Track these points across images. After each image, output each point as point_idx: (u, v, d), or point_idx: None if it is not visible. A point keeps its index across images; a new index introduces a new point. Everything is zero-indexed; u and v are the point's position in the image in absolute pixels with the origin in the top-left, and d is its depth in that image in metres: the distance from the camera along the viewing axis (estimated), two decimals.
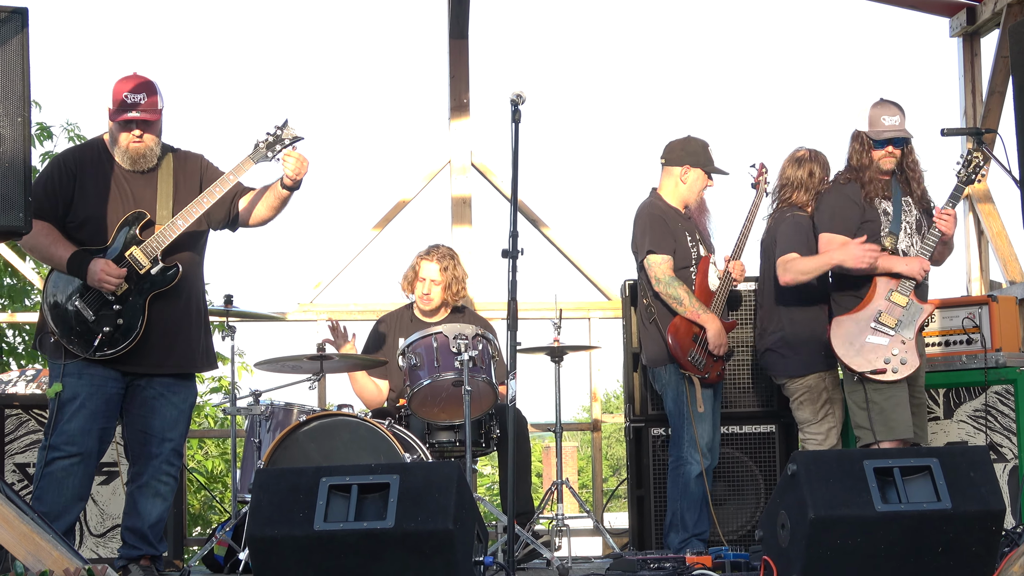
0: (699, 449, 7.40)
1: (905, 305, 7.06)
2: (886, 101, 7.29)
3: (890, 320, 7.05)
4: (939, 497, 5.16)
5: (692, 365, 7.38)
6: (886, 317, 7.05)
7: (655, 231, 7.50)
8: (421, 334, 7.32)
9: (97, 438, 6.32)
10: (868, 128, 7.24)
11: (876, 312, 7.06)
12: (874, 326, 7.05)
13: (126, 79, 6.33)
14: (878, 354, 7.02)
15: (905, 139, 7.28)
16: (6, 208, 5.17)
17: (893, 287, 7.08)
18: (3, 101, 5.15)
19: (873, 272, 7.08)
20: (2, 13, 5.17)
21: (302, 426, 6.94)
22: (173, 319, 6.43)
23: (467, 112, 9.63)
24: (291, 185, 6.50)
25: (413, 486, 5.05)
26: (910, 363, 7.04)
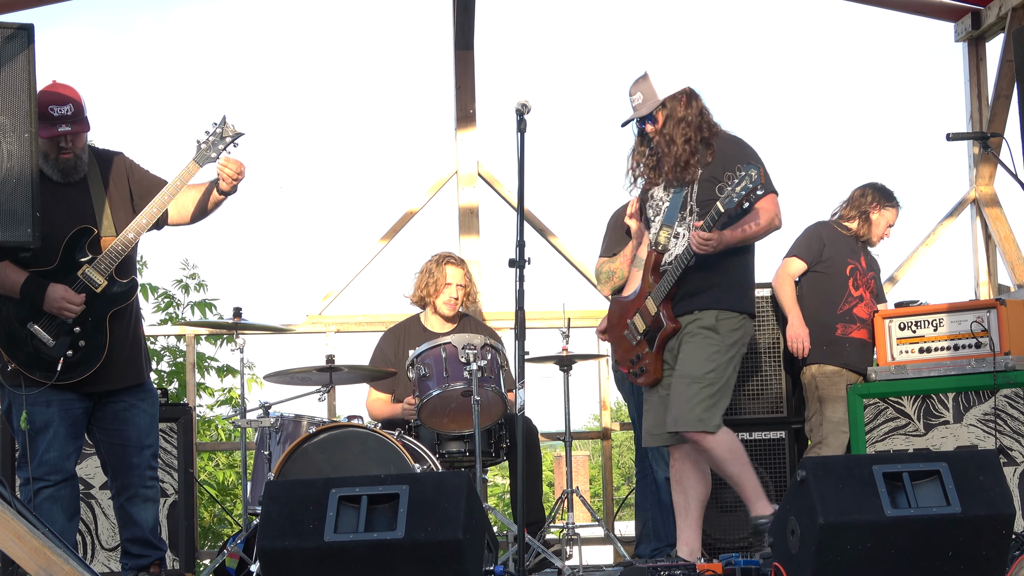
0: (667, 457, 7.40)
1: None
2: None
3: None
4: (949, 501, 5.15)
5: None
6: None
7: (608, 236, 7.78)
8: (430, 344, 7.33)
9: (74, 460, 6.28)
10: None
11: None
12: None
13: (48, 90, 6.09)
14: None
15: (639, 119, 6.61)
16: (14, 224, 5.18)
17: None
18: (10, 117, 5.16)
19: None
20: (8, 30, 5.19)
21: (312, 438, 6.95)
22: (128, 332, 6.34)
23: (473, 123, 9.64)
24: (228, 191, 6.38)
25: (423, 496, 5.04)
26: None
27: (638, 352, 6.56)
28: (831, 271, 8.07)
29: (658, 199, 6.55)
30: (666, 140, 6.41)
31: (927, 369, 7.85)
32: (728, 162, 6.32)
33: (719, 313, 6.44)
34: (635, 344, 6.57)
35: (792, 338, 7.96)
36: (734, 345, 6.50)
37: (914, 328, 7.98)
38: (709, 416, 6.37)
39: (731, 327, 6.48)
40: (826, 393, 7.97)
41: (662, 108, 6.43)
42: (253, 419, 7.36)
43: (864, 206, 8.19)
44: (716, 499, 8.14)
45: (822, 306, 8.04)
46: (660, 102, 6.42)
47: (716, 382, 6.39)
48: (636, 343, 6.57)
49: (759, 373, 8.24)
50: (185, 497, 8.11)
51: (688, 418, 6.34)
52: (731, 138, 6.50)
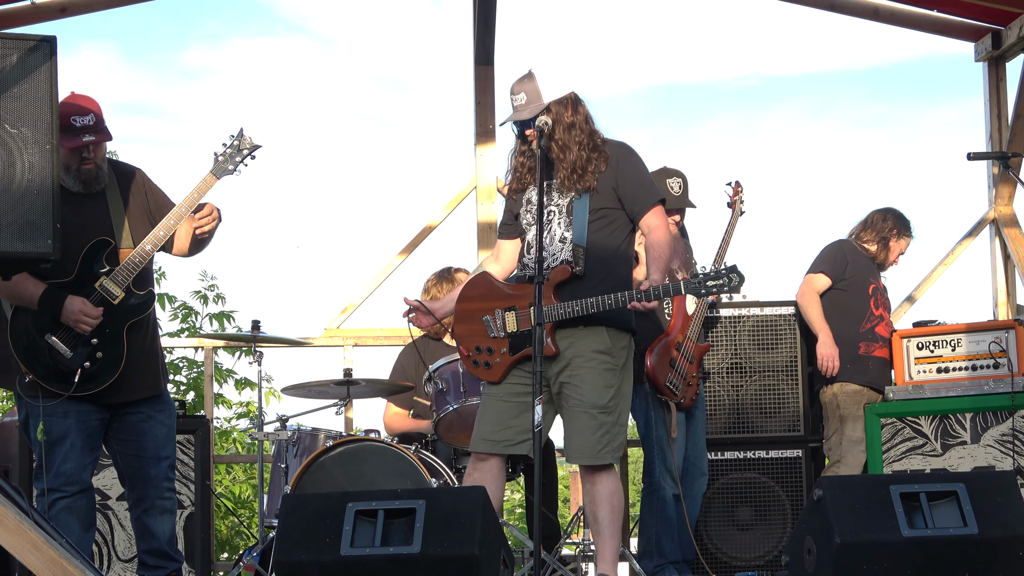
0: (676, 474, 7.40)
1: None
2: (520, 77, 6.33)
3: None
4: (966, 522, 5.14)
5: (669, 391, 7.38)
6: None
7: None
8: (447, 360, 7.33)
9: (90, 471, 6.27)
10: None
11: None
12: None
13: (68, 101, 6.08)
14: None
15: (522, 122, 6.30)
16: (34, 235, 5.17)
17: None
18: (32, 129, 5.17)
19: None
20: (31, 42, 5.20)
21: (328, 451, 6.96)
22: (144, 343, 6.32)
23: (493, 138, 9.64)
24: (204, 238, 6.41)
25: (439, 511, 5.05)
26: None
27: (490, 345, 6.17)
28: (853, 289, 8.08)
29: (535, 204, 6.16)
30: (560, 146, 6.14)
31: (945, 389, 7.84)
32: (622, 170, 6.20)
33: (609, 331, 6.17)
34: (491, 336, 6.18)
35: (823, 356, 7.94)
36: (625, 367, 6.23)
37: (932, 348, 7.98)
38: (609, 450, 6.13)
39: (621, 346, 6.21)
40: (847, 412, 7.96)
41: (547, 112, 6.17)
42: (270, 432, 7.38)
43: (885, 232, 8.21)
44: (732, 517, 8.15)
45: (845, 324, 8.04)
46: (545, 106, 6.16)
47: (615, 410, 6.14)
48: (493, 336, 6.18)
49: (776, 391, 8.24)
50: (202, 509, 8.12)
51: (592, 451, 6.09)
52: (619, 144, 6.32)
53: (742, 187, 7.95)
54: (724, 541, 8.16)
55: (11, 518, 4.94)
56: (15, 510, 5.00)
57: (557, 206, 6.20)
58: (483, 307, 6.22)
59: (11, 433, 7.87)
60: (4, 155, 5.13)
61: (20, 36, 5.25)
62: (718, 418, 8.24)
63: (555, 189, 6.21)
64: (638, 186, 6.25)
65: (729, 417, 8.26)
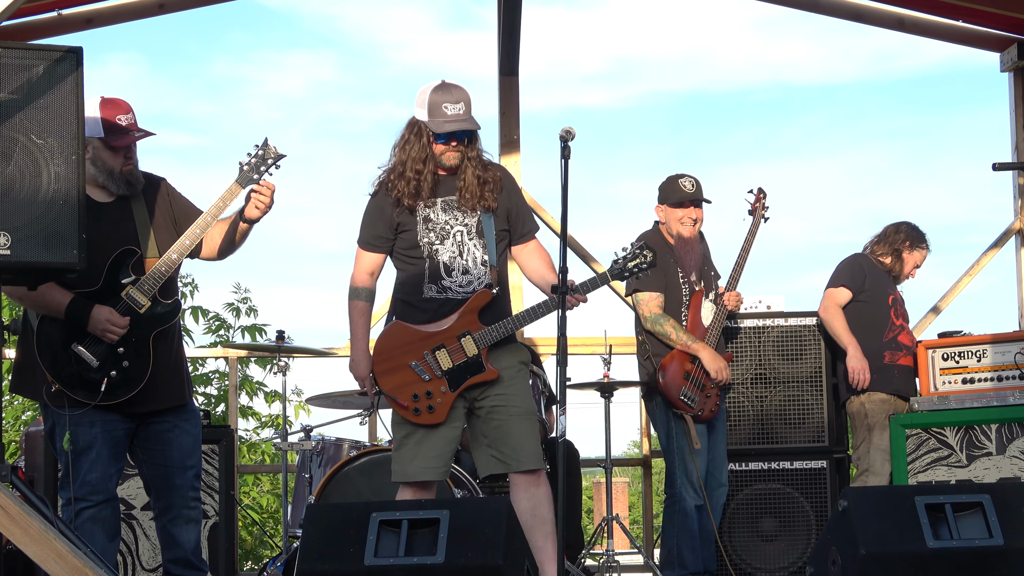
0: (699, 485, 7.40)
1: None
2: (449, 84, 6.18)
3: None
4: (991, 533, 5.13)
5: (684, 404, 7.38)
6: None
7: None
8: None
9: (115, 481, 6.25)
10: (428, 118, 6.14)
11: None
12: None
13: (108, 103, 6.08)
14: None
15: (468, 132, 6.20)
16: (61, 245, 5.20)
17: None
18: (58, 139, 5.19)
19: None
20: (57, 52, 5.23)
21: (352, 461, 6.97)
22: (170, 353, 6.30)
23: (517, 148, 9.66)
24: (254, 219, 6.29)
25: (463, 521, 5.05)
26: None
27: (428, 389, 6.02)
28: (873, 300, 8.07)
29: (441, 222, 6.10)
30: (479, 165, 6.15)
31: (970, 400, 7.82)
32: (514, 195, 6.27)
33: (520, 344, 6.31)
34: (426, 380, 6.03)
35: (854, 369, 7.92)
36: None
37: (957, 359, 7.96)
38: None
39: (529, 358, 6.33)
40: (875, 421, 7.94)
41: (475, 134, 6.17)
42: (295, 442, 7.39)
43: (897, 244, 8.22)
44: (757, 528, 8.13)
45: (867, 335, 8.03)
46: (478, 127, 6.16)
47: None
48: (428, 379, 6.04)
49: (800, 402, 8.23)
50: (226, 519, 8.13)
51: (537, 455, 6.08)
52: (502, 167, 6.35)
53: (765, 194, 7.94)
54: (748, 552, 8.15)
55: (36, 527, 4.97)
56: (40, 519, 5.02)
57: (465, 225, 6.12)
58: (406, 355, 6.08)
59: (37, 443, 7.89)
60: (30, 166, 5.16)
61: (46, 47, 5.28)
62: (742, 429, 8.24)
63: (456, 207, 6.13)
64: (527, 212, 6.35)
65: (753, 428, 8.25)
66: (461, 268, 6.07)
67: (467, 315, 6.03)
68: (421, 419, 6.02)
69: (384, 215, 6.15)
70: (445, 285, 6.08)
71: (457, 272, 6.07)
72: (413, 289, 6.11)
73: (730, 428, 8.02)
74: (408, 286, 6.15)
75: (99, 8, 9.16)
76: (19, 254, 5.16)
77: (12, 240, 5.15)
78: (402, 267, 6.19)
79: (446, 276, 6.08)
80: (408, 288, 6.15)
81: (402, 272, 6.20)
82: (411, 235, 6.10)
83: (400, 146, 6.15)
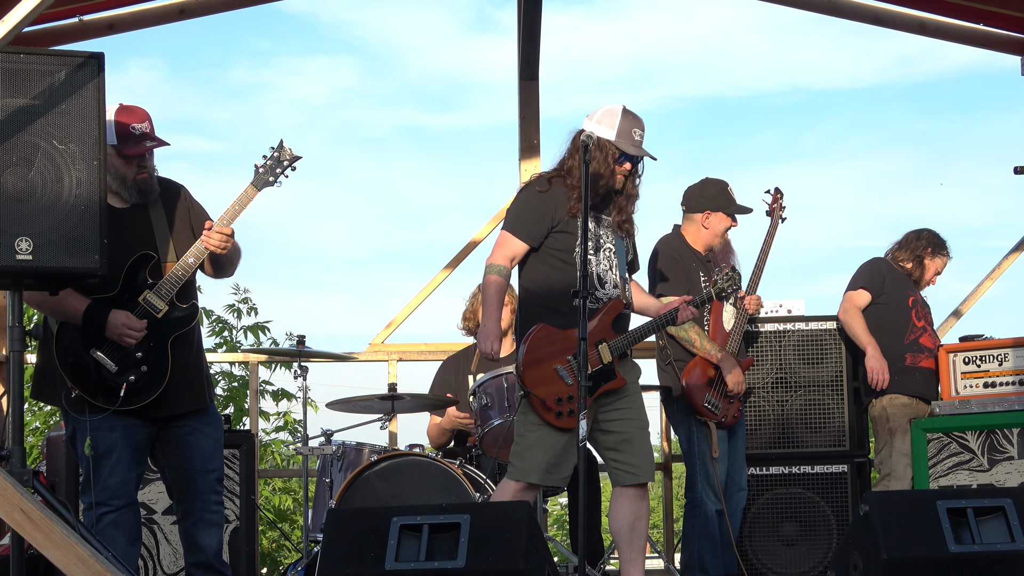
0: (719, 490, 7.40)
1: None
2: (632, 112, 6.37)
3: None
4: (1013, 538, 5.11)
5: (708, 411, 7.40)
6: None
7: (667, 273, 7.54)
8: (492, 374, 7.33)
9: (136, 485, 6.26)
10: (616, 138, 6.29)
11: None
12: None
13: (125, 111, 6.08)
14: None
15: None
16: (82, 250, 5.23)
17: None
18: (80, 145, 5.22)
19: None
20: (79, 58, 5.25)
21: (373, 466, 6.97)
22: (190, 357, 6.31)
23: (537, 153, 9.64)
24: (218, 254, 6.24)
25: (484, 526, 5.05)
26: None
27: (571, 393, 6.12)
28: (894, 302, 8.06)
29: (598, 234, 6.33)
30: (635, 189, 6.42)
31: (991, 404, 7.80)
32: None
33: (636, 364, 6.49)
34: (569, 384, 6.14)
35: (873, 369, 7.90)
36: None
37: (979, 363, 7.94)
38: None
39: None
40: (897, 424, 7.92)
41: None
42: (315, 447, 7.39)
43: (919, 250, 8.22)
44: (777, 533, 8.12)
45: (889, 337, 8.02)
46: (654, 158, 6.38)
47: None
48: (571, 383, 6.14)
49: (821, 406, 8.22)
50: (247, 523, 8.14)
51: (652, 470, 6.39)
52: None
53: (782, 194, 7.94)
54: (769, 556, 8.14)
55: (58, 532, 4.98)
56: (62, 524, 5.04)
57: (614, 243, 6.35)
58: (552, 358, 6.19)
59: (59, 448, 7.90)
60: (52, 171, 5.19)
61: (68, 53, 5.32)
62: (762, 433, 8.23)
63: (607, 225, 6.36)
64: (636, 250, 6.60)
65: (774, 432, 8.24)
66: (612, 282, 6.30)
67: (603, 322, 6.22)
68: (562, 422, 6.15)
69: (546, 213, 6.30)
70: (598, 296, 6.28)
71: (609, 285, 6.27)
72: (564, 295, 6.09)
73: (750, 432, 8.02)
74: (558, 292, 6.23)
75: (120, 14, 9.17)
76: (41, 259, 5.18)
77: (34, 245, 5.17)
78: (550, 269, 6.33)
79: (599, 287, 6.28)
80: (558, 293, 6.23)
81: (550, 275, 6.32)
82: (568, 239, 6.27)
83: (577, 159, 6.26)
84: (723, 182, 7.73)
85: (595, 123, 6.31)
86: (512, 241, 6.34)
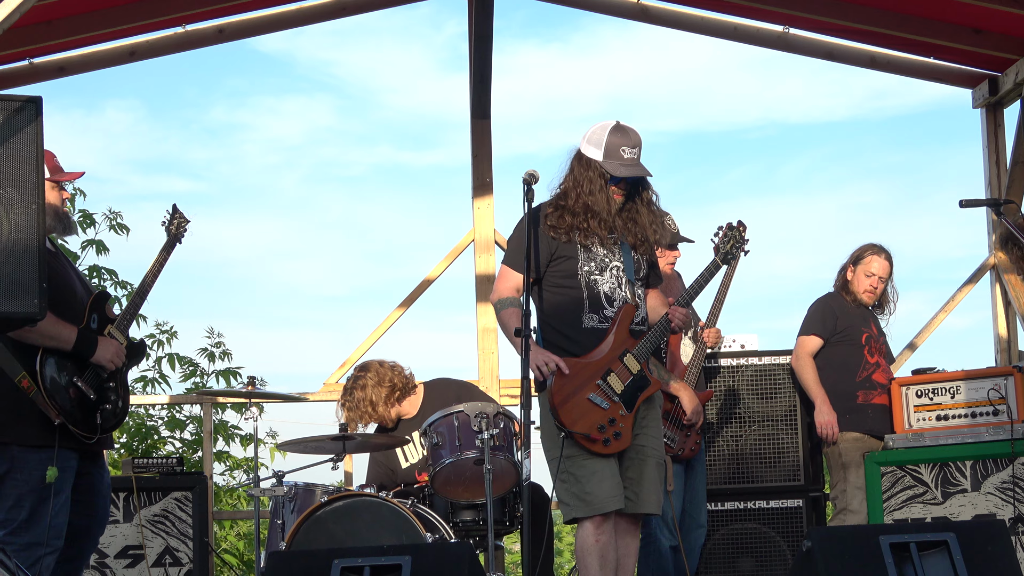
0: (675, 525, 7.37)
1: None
2: (624, 127, 6.29)
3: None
4: (957, 573, 5.10)
5: (664, 444, 7.34)
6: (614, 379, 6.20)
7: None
8: (442, 413, 7.31)
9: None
10: (603, 159, 6.22)
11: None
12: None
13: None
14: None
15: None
16: (21, 295, 5.18)
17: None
18: (18, 189, 5.19)
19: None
20: (16, 102, 5.23)
21: (324, 506, 6.94)
22: None
23: (490, 191, 9.65)
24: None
25: (425, 567, 5.03)
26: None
27: (611, 416, 6.07)
28: (846, 341, 8.08)
29: (601, 254, 6.22)
30: (650, 208, 6.37)
31: (944, 437, 7.81)
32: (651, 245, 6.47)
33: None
34: (606, 408, 6.07)
35: (821, 424, 7.93)
36: None
37: (931, 395, 7.96)
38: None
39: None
40: (850, 459, 7.94)
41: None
42: (267, 488, 7.36)
43: (842, 271, 8.30)
44: (734, 568, 8.13)
45: (841, 376, 8.03)
46: (650, 175, 6.29)
47: None
48: (608, 407, 6.08)
49: (776, 441, 8.22)
50: (200, 566, 8.10)
51: (654, 503, 6.25)
52: (663, 212, 6.78)
53: (745, 227, 7.88)
54: None
55: None
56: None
57: (621, 261, 6.26)
58: (581, 390, 6.08)
59: None
60: None
61: (5, 97, 5.28)
62: (718, 468, 8.23)
63: (613, 243, 6.26)
64: (657, 262, 6.57)
65: (729, 467, 8.24)
66: (621, 299, 6.21)
67: (620, 333, 6.15)
68: (611, 448, 6.09)
69: (543, 242, 6.22)
70: (607, 315, 6.19)
71: (618, 302, 6.19)
72: (572, 319, 6.18)
73: (707, 467, 8.01)
74: (567, 315, 6.21)
75: (70, 56, 9.17)
76: None
77: None
78: (557, 296, 6.24)
79: (608, 306, 6.19)
80: (566, 317, 6.20)
81: (559, 302, 6.24)
82: (570, 263, 6.20)
83: (571, 181, 6.25)
84: (663, 212, 7.69)
85: (586, 142, 6.24)
86: (512, 275, 6.27)
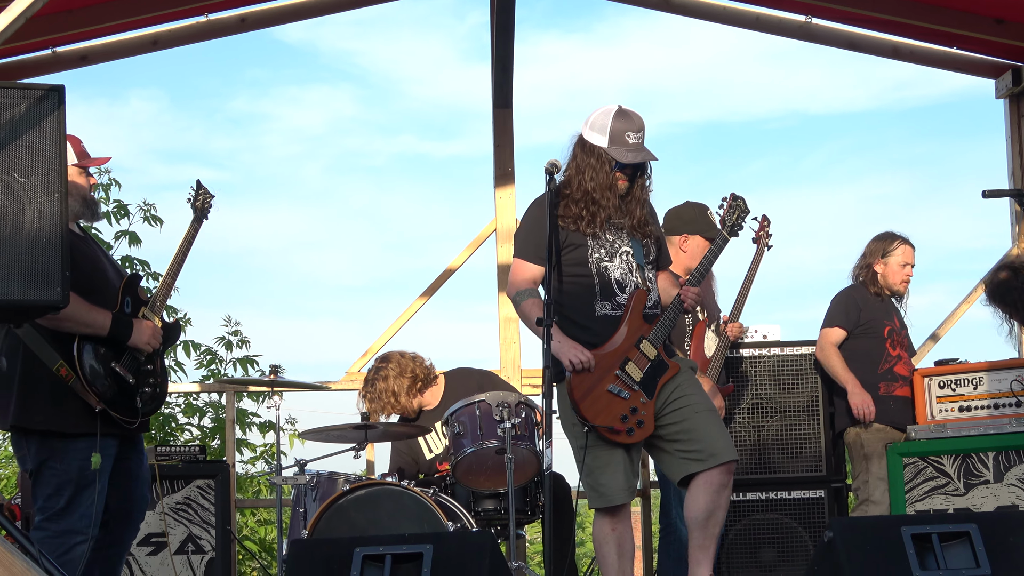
0: None
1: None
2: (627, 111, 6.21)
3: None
4: (978, 563, 5.08)
5: None
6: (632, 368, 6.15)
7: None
8: (464, 402, 7.32)
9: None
10: (609, 145, 6.15)
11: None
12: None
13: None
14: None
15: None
16: (44, 283, 5.20)
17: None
18: (41, 177, 5.21)
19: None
20: (39, 91, 5.25)
21: (346, 495, 6.95)
22: None
23: (512, 180, 9.64)
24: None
25: (447, 555, 5.03)
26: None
27: (632, 405, 6.02)
28: (869, 333, 8.06)
29: (610, 241, 6.16)
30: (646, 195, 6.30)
31: (967, 428, 7.79)
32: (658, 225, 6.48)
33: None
34: (627, 398, 6.04)
35: (857, 405, 7.90)
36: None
37: (954, 386, 7.94)
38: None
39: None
40: (872, 449, 7.93)
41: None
42: (289, 476, 7.38)
43: (870, 259, 8.23)
44: (755, 559, 8.11)
45: (863, 368, 8.02)
46: (656, 159, 6.21)
47: None
48: (629, 396, 6.05)
49: (798, 431, 8.21)
50: (222, 554, 8.13)
51: (732, 446, 6.18)
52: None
53: (769, 221, 7.88)
54: None
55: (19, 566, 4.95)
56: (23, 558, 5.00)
57: (630, 246, 6.20)
58: (600, 382, 6.04)
59: None
60: (13, 204, 5.17)
61: (29, 86, 5.30)
62: (740, 458, 8.18)
63: (621, 229, 6.20)
64: (665, 244, 6.54)
65: (751, 458, 8.22)
66: (633, 284, 6.15)
67: (633, 320, 6.10)
68: (635, 437, 6.06)
69: (554, 231, 6.12)
70: (619, 302, 6.13)
71: (629, 288, 6.14)
72: (585, 308, 6.14)
73: None
74: (579, 304, 6.15)
75: (93, 45, 9.19)
76: (2, 292, 5.17)
77: None
78: (569, 284, 6.16)
79: (620, 292, 6.14)
80: (578, 306, 6.15)
81: (571, 290, 6.16)
82: (580, 251, 6.15)
83: (574, 168, 6.19)
84: (703, 206, 7.70)
85: (589, 128, 6.17)
86: (525, 266, 6.20)
